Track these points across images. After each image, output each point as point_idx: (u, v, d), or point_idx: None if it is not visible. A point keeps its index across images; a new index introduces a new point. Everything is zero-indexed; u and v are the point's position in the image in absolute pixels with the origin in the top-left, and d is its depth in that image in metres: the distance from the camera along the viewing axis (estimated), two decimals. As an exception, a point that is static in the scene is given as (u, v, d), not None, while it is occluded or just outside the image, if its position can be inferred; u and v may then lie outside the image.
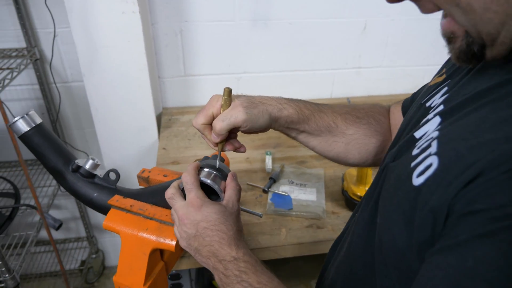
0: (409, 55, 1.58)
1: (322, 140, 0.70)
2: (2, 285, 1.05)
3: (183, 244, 0.59)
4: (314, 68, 1.54)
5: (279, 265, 1.78)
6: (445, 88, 0.49)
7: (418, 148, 0.42)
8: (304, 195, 1.06)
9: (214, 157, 0.67)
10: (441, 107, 0.45)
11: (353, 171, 1.08)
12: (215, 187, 0.59)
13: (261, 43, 1.44)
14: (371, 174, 0.97)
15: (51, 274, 1.80)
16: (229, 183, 0.62)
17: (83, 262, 1.83)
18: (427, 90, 0.55)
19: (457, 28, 0.38)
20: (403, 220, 0.39)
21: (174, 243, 0.64)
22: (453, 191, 0.32)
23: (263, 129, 0.65)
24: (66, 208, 1.72)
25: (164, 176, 0.78)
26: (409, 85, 1.65)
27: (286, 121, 0.65)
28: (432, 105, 0.49)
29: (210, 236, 0.55)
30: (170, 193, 0.61)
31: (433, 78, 0.58)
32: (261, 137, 1.32)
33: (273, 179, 1.10)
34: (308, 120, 0.67)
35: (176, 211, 0.59)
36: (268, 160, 1.18)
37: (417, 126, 0.47)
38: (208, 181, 0.59)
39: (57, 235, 1.79)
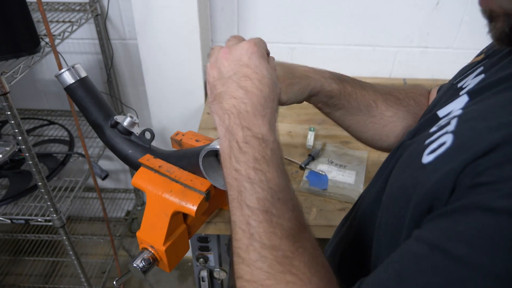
0: (485, 37, 1.41)
1: (360, 120, 0.66)
2: (50, 223, 1.14)
3: (209, 83, 0.48)
4: (375, 43, 1.43)
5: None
6: (481, 68, 0.44)
7: (438, 125, 0.37)
8: (342, 177, 1.01)
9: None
10: (473, 85, 0.41)
11: (398, 158, 1.01)
12: None
13: (320, 13, 1.36)
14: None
15: (100, 219, 1.94)
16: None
17: (128, 212, 1.95)
18: (461, 70, 0.49)
19: (496, 7, 0.33)
20: (403, 198, 0.35)
21: (194, 208, 0.64)
22: (461, 166, 0.29)
23: (299, 102, 0.62)
24: (117, 160, 1.81)
25: (197, 141, 0.78)
26: (481, 71, 1.49)
27: (326, 96, 0.62)
28: (464, 86, 0.44)
29: (247, 91, 0.43)
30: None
31: (474, 57, 0.52)
32: (307, 112, 1.27)
33: (312, 157, 1.06)
34: (349, 97, 0.63)
35: (226, 44, 0.47)
36: (310, 136, 1.14)
37: (443, 105, 0.43)
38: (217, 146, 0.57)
39: (107, 184, 1.91)
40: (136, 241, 1.96)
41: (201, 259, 1.08)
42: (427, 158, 0.34)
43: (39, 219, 1.15)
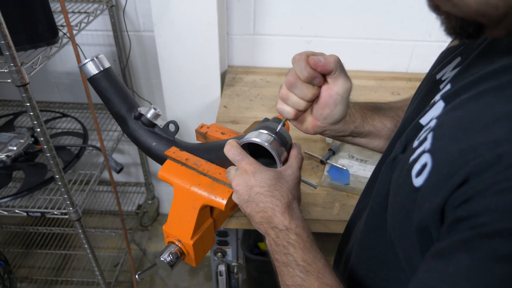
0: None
1: (390, 138, 0.64)
2: (66, 216, 1.13)
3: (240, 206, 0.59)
4: (393, 38, 1.41)
5: (328, 236, 1.76)
6: (458, 59, 0.44)
7: (418, 139, 0.39)
8: (363, 172, 1.00)
9: (275, 120, 0.63)
10: (448, 86, 0.41)
11: (421, 153, 1.00)
12: (272, 151, 0.56)
13: (337, 6, 1.34)
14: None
15: (111, 213, 1.94)
16: (292, 151, 0.60)
17: (139, 206, 1.94)
18: (440, 58, 0.49)
19: (443, 3, 0.34)
20: (407, 221, 0.37)
21: (224, 202, 0.63)
22: (443, 198, 0.32)
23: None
24: (128, 153, 1.81)
25: (222, 134, 0.77)
26: (499, 66, 1.47)
27: (350, 127, 0.62)
28: (443, 78, 0.43)
29: (264, 202, 0.53)
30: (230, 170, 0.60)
31: (450, 42, 0.51)
32: (325, 106, 1.26)
33: (333, 151, 1.05)
34: (372, 121, 0.63)
35: (231, 180, 0.59)
36: (330, 131, 1.13)
37: (424, 109, 0.42)
38: (266, 144, 0.56)
39: (118, 178, 1.90)
40: (146, 234, 1.95)
41: (219, 254, 1.07)
42: (417, 181, 0.36)
43: (56, 212, 1.14)
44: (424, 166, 0.35)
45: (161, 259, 0.66)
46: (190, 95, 1.35)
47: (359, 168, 1.01)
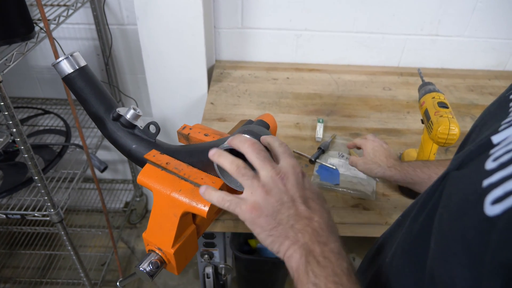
0: (498, 25, 1.37)
1: None
2: (48, 218, 1.09)
3: (266, 210, 0.47)
4: (384, 31, 1.38)
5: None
6: None
7: (495, 160, 0.31)
8: (353, 171, 0.97)
9: (258, 122, 0.60)
10: None
11: (412, 152, 0.97)
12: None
13: (328, -2, 1.30)
14: (433, 159, 0.86)
15: (98, 210, 1.90)
16: (269, 142, 0.52)
17: (127, 204, 1.90)
18: None
19: None
20: (467, 255, 0.30)
21: (206, 208, 0.60)
22: None
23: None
24: (115, 150, 1.75)
25: (205, 135, 0.74)
26: (492, 61, 1.45)
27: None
28: None
29: (315, 211, 0.46)
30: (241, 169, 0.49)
31: None
32: (315, 102, 1.23)
33: (322, 150, 1.02)
34: (413, 176, 0.76)
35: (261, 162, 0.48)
36: (319, 128, 1.10)
37: (497, 127, 0.35)
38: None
39: (104, 175, 1.86)
40: (135, 232, 1.92)
41: (206, 256, 1.04)
42: (492, 210, 0.29)
43: (36, 214, 1.10)
44: (509, 194, 0.28)
45: (140, 269, 0.63)
46: (176, 91, 1.30)
47: (350, 167, 0.98)
